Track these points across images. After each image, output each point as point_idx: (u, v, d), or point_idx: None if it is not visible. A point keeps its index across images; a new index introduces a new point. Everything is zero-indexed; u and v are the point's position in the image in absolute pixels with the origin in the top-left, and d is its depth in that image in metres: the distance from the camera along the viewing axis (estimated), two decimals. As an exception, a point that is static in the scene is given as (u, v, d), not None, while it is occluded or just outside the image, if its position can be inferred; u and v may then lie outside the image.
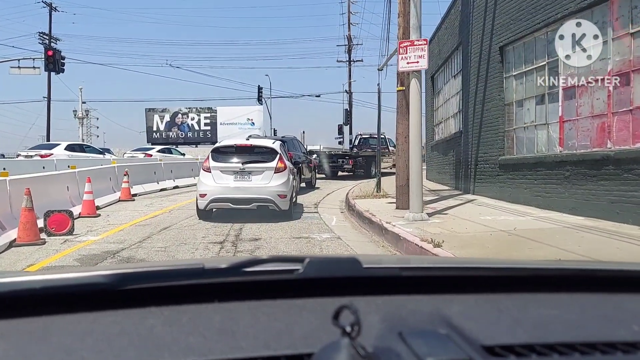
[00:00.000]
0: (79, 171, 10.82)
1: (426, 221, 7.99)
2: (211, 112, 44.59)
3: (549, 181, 8.93)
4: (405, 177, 9.57)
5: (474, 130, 11.91)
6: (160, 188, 15.60)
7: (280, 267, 1.03)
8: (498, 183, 10.73)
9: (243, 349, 0.80)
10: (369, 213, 8.91)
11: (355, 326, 0.68)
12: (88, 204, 9.84)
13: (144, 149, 29.10)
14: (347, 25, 40.30)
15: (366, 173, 21.68)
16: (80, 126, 45.22)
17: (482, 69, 11.32)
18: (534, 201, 9.30)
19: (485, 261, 2.11)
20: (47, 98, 34.70)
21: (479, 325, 0.88)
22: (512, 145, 10.48)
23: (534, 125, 9.66)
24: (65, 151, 21.44)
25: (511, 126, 10.45)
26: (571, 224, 7.33)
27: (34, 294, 0.95)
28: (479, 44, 11.56)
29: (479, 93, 11.52)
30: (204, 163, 9.40)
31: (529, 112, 9.85)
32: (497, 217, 8.33)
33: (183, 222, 9.15)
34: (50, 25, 35.44)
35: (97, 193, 11.37)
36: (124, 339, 0.83)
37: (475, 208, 9.56)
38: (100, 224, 8.95)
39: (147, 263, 4.57)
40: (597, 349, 0.81)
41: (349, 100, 39.49)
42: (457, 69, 14.08)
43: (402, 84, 9.63)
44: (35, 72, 30.45)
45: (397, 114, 9.76)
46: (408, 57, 8.11)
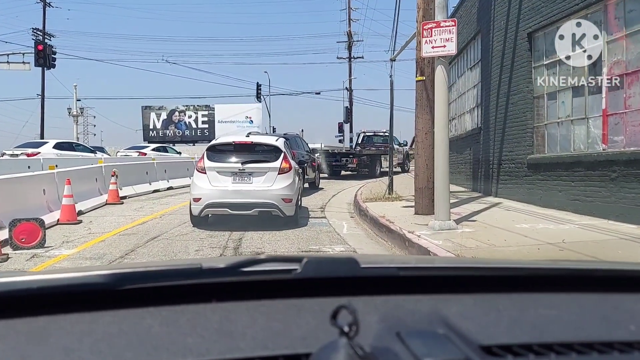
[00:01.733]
0: (58, 172, 9.69)
1: (455, 230, 6.91)
2: (209, 110, 43.72)
3: (590, 183, 7.86)
4: (425, 179, 8.50)
5: (496, 126, 10.82)
6: (152, 189, 14.47)
7: (278, 267, 1.03)
8: (526, 185, 9.65)
9: (241, 349, 0.80)
10: (386, 220, 7.83)
11: (353, 326, 0.68)
12: (67, 209, 8.73)
13: (138, 147, 27.92)
14: (348, 21, 39.58)
15: (370, 173, 20.68)
16: (75, 124, 44.09)
17: (507, 59, 10.24)
18: (571, 206, 8.22)
19: (483, 261, 2.23)
20: (41, 95, 33.68)
21: (477, 325, 0.89)
22: (543, 143, 9.39)
23: (569, 120, 8.58)
24: (53, 150, 20.26)
25: (541, 121, 9.37)
26: (628, 235, 6.25)
27: (32, 294, 0.95)
28: (502, 31, 10.47)
29: (503, 85, 10.43)
30: (198, 163, 8.29)
31: (563, 105, 8.76)
32: (535, 225, 7.25)
33: (174, 230, 8.05)
34: (44, 20, 34.38)
35: (80, 196, 10.29)
36: (122, 339, 0.84)
37: (505, 214, 8.47)
38: (80, 233, 7.84)
39: (145, 263, 4.45)
40: (595, 348, 0.81)
41: (349, 98, 38.76)
42: (474, 61, 12.98)
43: (421, 73, 8.54)
44: (24, 67, 29.36)
45: (416, 107, 8.67)
46: (433, 41, 7.02)
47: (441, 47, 7.02)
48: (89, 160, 17.85)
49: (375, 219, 8.18)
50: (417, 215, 8.48)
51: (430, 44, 7.07)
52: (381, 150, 23.24)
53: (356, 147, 24.58)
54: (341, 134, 38.01)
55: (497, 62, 10.71)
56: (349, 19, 39.50)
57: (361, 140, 25.44)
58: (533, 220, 7.64)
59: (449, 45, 6.98)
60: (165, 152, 28.08)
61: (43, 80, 33.01)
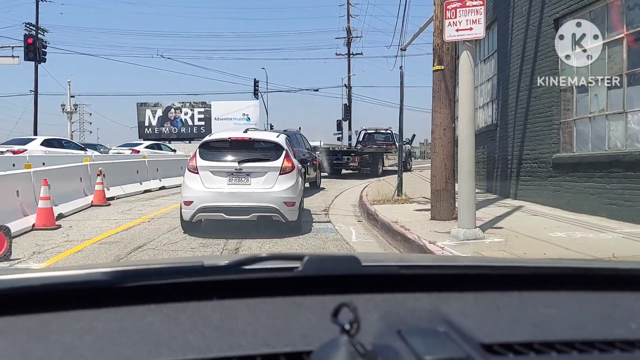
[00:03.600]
0: (35, 171, 8.75)
1: (483, 241, 6.04)
2: (205, 107, 42.99)
3: (629, 186, 7.00)
4: (444, 180, 7.63)
5: (516, 122, 9.95)
6: (143, 189, 13.54)
7: (280, 265, 1.04)
8: (551, 186, 8.78)
9: (242, 346, 0.79)
10: (401, 226, 6.96)
11: (354, 324, 0.68)
12: (44, 212, 7.81)
13: (131, 144, 26.96)
14: (347, 16, 38.83)
15: (372, 171, 19.86)
16: (68, 121, 43.10)
17: (529, 48, 9.36)
18: (606, 210, 7.36)
19: (483, 259, 2.44)
20: (34, 91, 32.75)
21: (477, 323, 0.89)
22: (570, 140, 8.52)
23: (604, 114, 7.71)
24: (41, 147, 19.30)
25: (569, 116, 8.50)
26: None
27: (33, 292, 0.95)
28: (524, 18, 9.59)
29: (524, 78, 9.55)
30: (190, 162, 7.38)
31: (596, 98, 7.89)
32: (572, 234, 6.38)
33: (163, 237, 7.16)
34: (37, 14, 33.38)
35: (62, 197, 9.39)
36: (123, 336, 0.84)
37: (533, 219, 7.59)
38: (56, 241, 6.94)
39: (147, 261, 4.36)
40: (596, 347, 0.81)
41: (348, 95, 38.05)
42: (488, 52, 12.08)
43: (439, 61, 7.67)
44: (13, 61, 28.40)
45: (433, 101, 7.78)
46: (458, 23, 6.15)
47: (467, 30, 6.15)
48: (79, 158, 16.92)
49: (388, 225, 7.30)
50: (433, 220, 7.61)
51: (454, 26, 6.20)
52: (383, 148, 22.47)
53: (357, 145, 23.84)
54: (340, 131, 37.43)
55: (518, 52, 9.83)
56: (348, 15, 38.82)
57: (362, 138, 24.64)
58: (567, 228, 6.77)
59: (477, 28, 6.12)
60: (160, 149, 27.16)
61: (36, 75, 32.14)
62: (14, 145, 19.18)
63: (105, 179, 11.49)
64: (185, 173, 7.37)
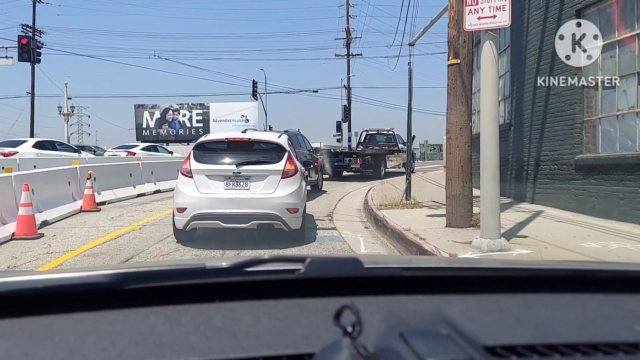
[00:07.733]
0: (16, 175, 8.10)
1: (509, 253, 5.41)
2: (203, 109, 42.57)
3: (665, 190, 6.39)
4: (460, 184, 7.00)
5: (532, 121, 9.32)
6: (136, 193, 12.89)
7: (282, 267, 1.01)
8: (573, 190, 8.15)
9: (244, 348, 0.79)
10: (414, 235, 6.34)
11: (357, 326, 0.67)
12: (25, 220, 7.16)
13: (126, 146, 26.35)
14: (346, 17, 38.28)
15: (375, 173, 19.31)
16: (65, 123, 42.45)
17: (547, 42, 8.73)
18: (638, 217, 6.74)
19: (486, 261, 2.46)
20: (31, 93, 32.18)
21: (480, 326, 0.88)
22: (593, 140, 7.90)
23: (634, 112, 7.08)
24: (33, 149, 18.67)
25: (593, 115, 7.88)
26: None
27: (36, 294, 0.94)
28: (541, 9, 8.98)
29: (542, 74, 8.92)
30: (183, 164, 6.74)
31: (625, 94, 7.27)
32: (606, 243, 5.75)
33: (153, 248, 6.52)
34: (34, 16, 32.77)
35: (49, 203, 8.77)
36: (125, 338, 0.83)
37: (558, 227, 6.96)
38: (35, 253, 6.30)
39: (149, 263, 4.31)
40: (599, 349, 0.80)
41: (347, 96, 37.51)
42: (500, 48, 11.45)
43: (455, 55, 7.04)
44: (7, 62, 27.73)
45: (448, 97, 7.15)
46: (480, 10, 5.52)
47: (490, 18, 5.51)
48: (71, 161, 16.29)
49: (400, 234, 6.67)
50: (449, 228, 6.98)
51: (475, 14, 5.57)
52: (386, 150, 21.89)
53: (358, 146, 23.25)
54: (339, 133, 36.83)
55: (534, 46, 9.21)
56: (347, 15, 38.27)
57: (363, 139, 24.07)
58: (599, 237, 6.14)
59: (501, 15, 5.48)
60: (156, 151, 26.56)
61: (33, 77, 31.59)
62: (4, 147, 18.53)
63: (97, 182, 10.88)
64: (179, 177, 6.73)
